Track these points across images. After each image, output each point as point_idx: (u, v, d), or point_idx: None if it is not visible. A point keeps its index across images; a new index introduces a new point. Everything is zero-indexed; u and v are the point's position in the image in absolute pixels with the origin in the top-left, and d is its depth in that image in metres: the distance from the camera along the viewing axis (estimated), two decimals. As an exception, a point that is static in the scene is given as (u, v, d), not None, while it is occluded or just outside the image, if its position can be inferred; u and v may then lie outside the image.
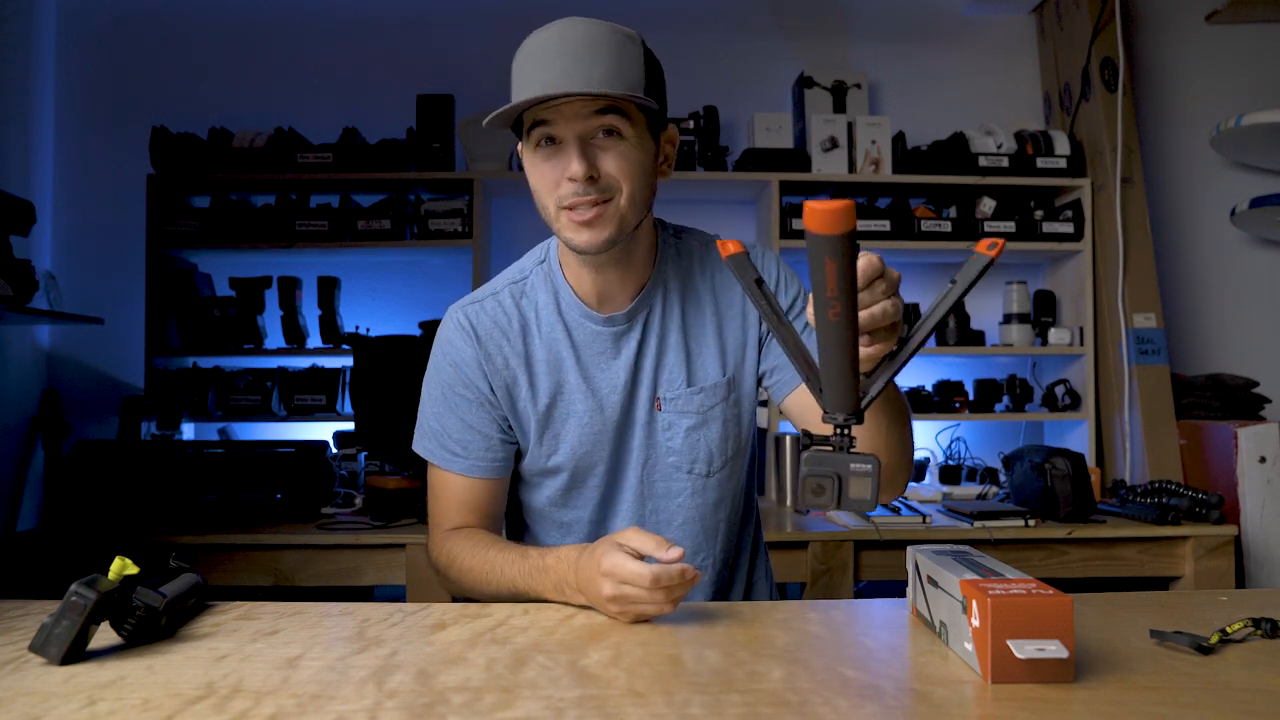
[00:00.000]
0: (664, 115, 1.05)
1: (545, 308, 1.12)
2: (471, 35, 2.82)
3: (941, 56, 2.94)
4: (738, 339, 1.14)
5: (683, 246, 1.16)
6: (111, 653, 0.79)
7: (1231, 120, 2.58)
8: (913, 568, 0.90)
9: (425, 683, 0.72)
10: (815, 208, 0.62)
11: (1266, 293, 2.90)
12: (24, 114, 2.60)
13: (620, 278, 1.09)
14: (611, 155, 0.99)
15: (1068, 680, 0.70)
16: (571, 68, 0.95)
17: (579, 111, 0.97)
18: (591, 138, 0.99)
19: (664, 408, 1.11)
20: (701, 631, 0.86)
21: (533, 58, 0.98)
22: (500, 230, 2.79)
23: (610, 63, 0.96)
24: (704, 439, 1.11)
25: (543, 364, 1.11)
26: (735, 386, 1.13)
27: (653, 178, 1.05)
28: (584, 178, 0.97)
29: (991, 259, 0.71)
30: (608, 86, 0.95)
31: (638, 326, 1.11)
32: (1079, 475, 2.14)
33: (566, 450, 1.11)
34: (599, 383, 1.11)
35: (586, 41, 0.96)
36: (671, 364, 1.11)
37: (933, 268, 2.89)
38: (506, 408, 1.12)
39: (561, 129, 0.98)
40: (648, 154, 1.03)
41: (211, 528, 2.05)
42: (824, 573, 2.03)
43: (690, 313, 1.13)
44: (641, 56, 1.00)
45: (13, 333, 2.48)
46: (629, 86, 0.97)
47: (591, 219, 0.99)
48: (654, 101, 0.99)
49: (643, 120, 1.01)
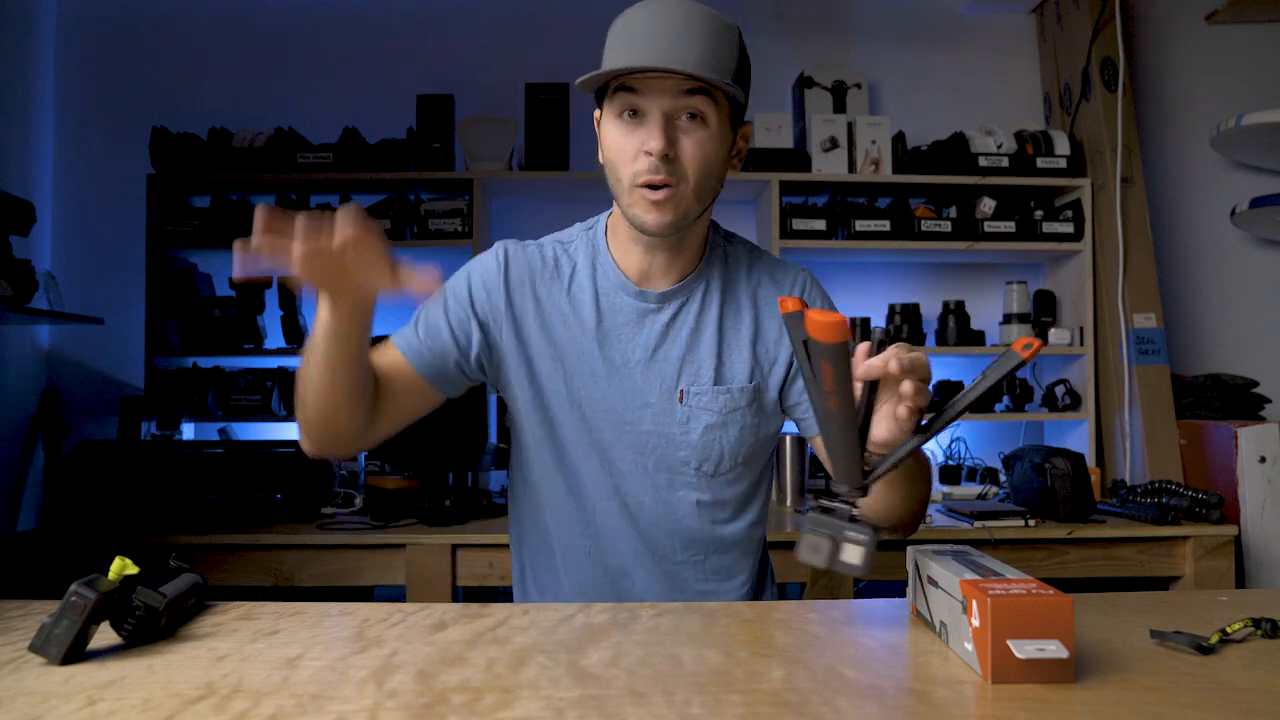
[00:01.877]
0: (745, 109, 1.07)
1: (581, 268, 1.13)
2: (471, 35, 2.82)
3: (941, 56, 2.94)
4: (769, 354, 1.13)
5: (731, 250, 1.17)
6: (111, 653, 0.79)
7: (1231, 120, 2.57)
8: (913, 568, 0.90)
9: (425, 683, 0.72)
10: (816, 320, 0.72)
11: (1266, 293, 2.90)
12: (24, 114, 2.60)
13: (668, 262, 1.10)
14: (692, 139, 1.00)
15: (1068, 680, 0.70)
16: (669, 45, 0.96)
17: (669, 89, 0.98)
18: (676, 117, 1.00)
19: (687, 401, 1.10)
20: (701, 631, 0.86)
21: (632, 28, 1.00)
22: (500, 230, 2.79)
23: (707, 46, 0.98)
24: (720, 440, 1.11)
25: (559, 315, 1.11)
26: (759, 396, 1.12)
27: (723, 170, 1.06)
28: (661, 154, 0.98)
29: (1024, 360, 0.77)
30: (703, 69, 0.96)
31: (669, 311, 1.11)
32: (1079, 475, 2.14)
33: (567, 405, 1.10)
34: (613, 352, 1.10)
35: (687, 22, 0.98)
36: (702, 359, 1.11)
37: (932, 268, 2.89)
38: (506, 345, 1.11)
39: (648, 102, 0.99)
40: (724, 145, 1.04)
41: (211, 528, 2.05)
42: (824, 573, 2.02)
43: (728, 313, 1.13)
44: (737, 47, 1.02)
45: (13, 333, 2.48)
46: (722, 73, 0.98)
47: (662, 199, 1.01)
48: (741, 93, 1.01)
49: (726, 109, 1.03)
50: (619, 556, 1.13)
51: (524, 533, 1.21)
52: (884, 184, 2.65)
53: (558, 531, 1.15)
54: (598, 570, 1.14)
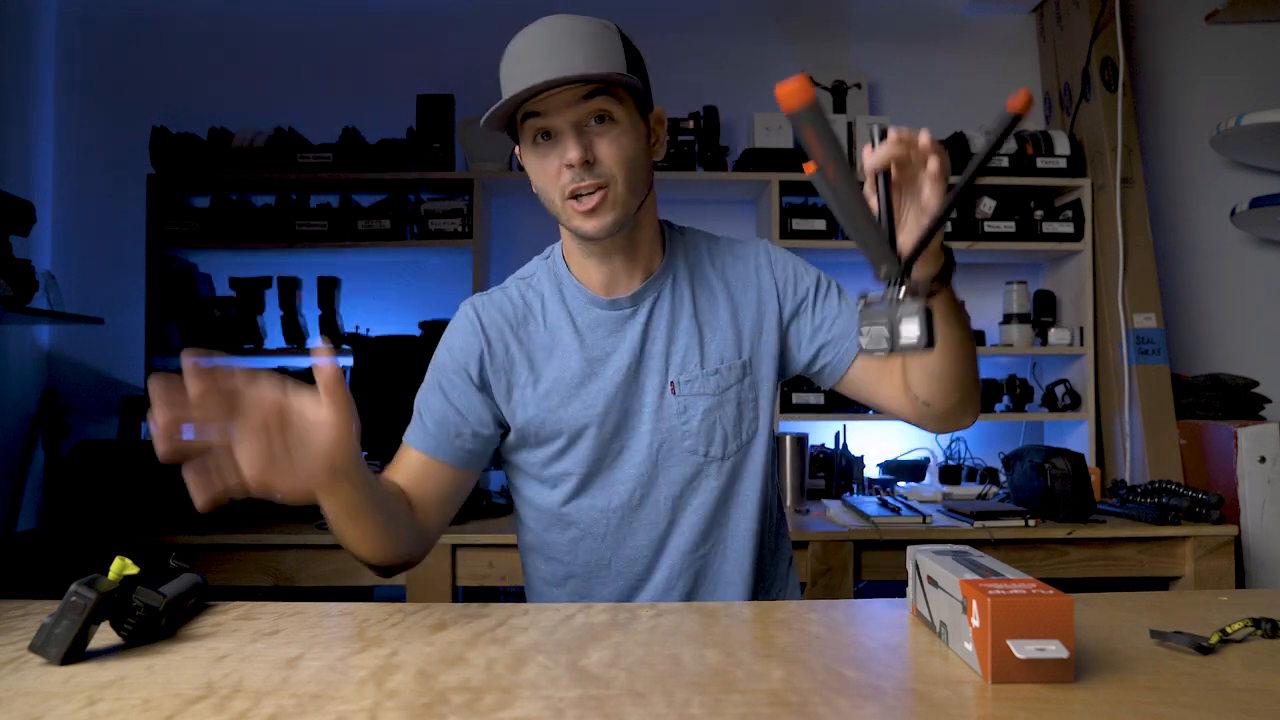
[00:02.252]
0: (649, 95, 1.08)
1: (550, 298, 1.14)
2: (471, 35, 2.82)
3: (941, 56, 2.94)
4: (753, 323, 1.14)
5: (689, 241, 1.18)
6: (111, 653, 0.79)
7: (1231, 120, 2.58)
8: (913, 568, 0.90)
9: (425, 683, 0.72)
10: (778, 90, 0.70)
11: (1266, 293, 2.90)
12: (24, 114, 2.60)
13: (627, 266, 1.11)
14: (605, 140, 1.01)
15: (1068, 680, 0.70)
16: (554, 59, 0.98)
17: (568, 100, 0.99)
18: (584, 124, 1.01)
19: (679, 390, 1.11)
20: (701, 631, 0.86)
21: (517, 57, 1.01)
22: (500, 230, 2.79)
23: (592, 49, 0.99)
24: (719, 420, 1.12)
25: (543, 350, 1.12)
26: (751, 370, 1.14)
27: (647, 159, 1.07)
28: (580, 162, 0.99)
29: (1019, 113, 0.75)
30: (593, 69, 0.98)
31: (643, 311, 1.12)
32: (1079, 475, 2.14)
33: (568, 434, 1.11)
34: (602, 365, 1.11)
35: (565, 34, 1.00)
36: (684, 347, 1.12)
37: (933, 268, 2.89)
38: (502, 397, 1.12)
39: (554, 119, 1.00)
40: (640, 136, 1.05)
41: (211, 528, 2.05)
42: (824, 573, 2.03)
43: (701, 298, 1.14)
44: (619, 41, 1.03)
45: (13, 333, 2.48)
46: (611, 68, 1.00)
47: (595, 206, 1.01)
48: (637, 80, 1.01)
49: (631, 102, 1.04)
50: (641, 565, 1.13)
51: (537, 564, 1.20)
52: (884, 184, 2.65)
53: (574, 555, 1.15)
54: (620, 583, 1.14)
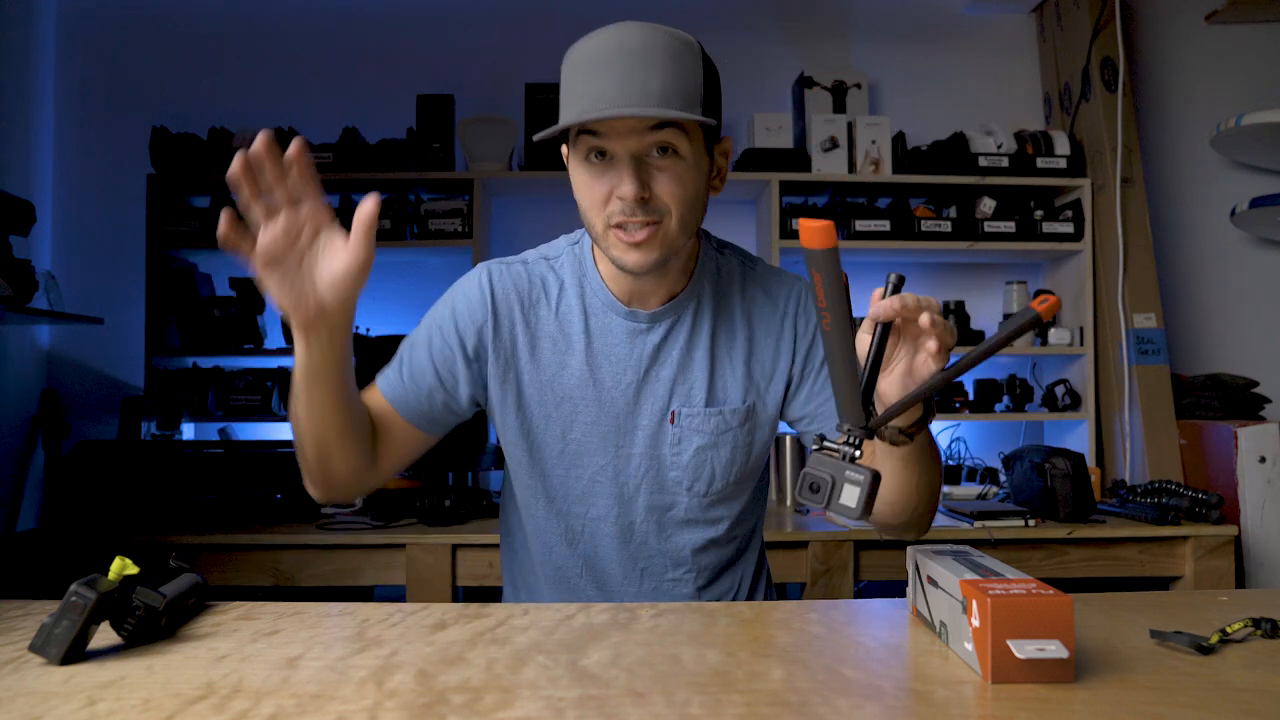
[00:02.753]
0: (719, 127, 0.98)
1: (569, 287, 1.08)
2: (471, 35, 2.82)
3: (941, 56, 2.94)
4: (765, 370, 1.09)
5: (724, 263, 1.11)
6: (111, 653, 0.79)
7: (1231, 120, 2.58)
8: (913, 568, 0.90)
9: (425, 683, 0.72)
10: (803, 224, 0.69)
11: (1266, 293, 2.90)
12: (24, 114, 2.60)
13: (655, 284, 1.05)
14: (666, 176, 0.94)
15: (1068, 680, 0.70)
16: (627, 81, 0.89)
17: (634, 128, 0.91)
18: (645, 155, 0.93)
19: (678, 422, 1.07)
20: (701, 631, 0.86)
21: (585, 66, 0.92)
22: (500, 230, 2.79)
23: (668, 75, 0.90)
24: (711, 460, 1.08)
25: (549, 339, 1.08)
26: (753, 416, 1.09)
27: (705, 196, 1.00)
28: (635, 198, 0.92)
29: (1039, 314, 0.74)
30: (665, 103, 0.89)
31: (659, 331, 1.07)
32: (1079, 475, 2.14)
33: (557, 432, 1.08)
34: (604, 373, 1.07)
35: (642, 51, 0.90)
36: (694, 380, 1.07)
37: (933, 268, 2.89)
38: (494, 377, 1.08)
39: (614, 144, 0.92)
40: (702, 173, 0.98)
41: (211, 528, 2.05)
42: (824, 573, 2.03)
43: (721, 332, 1.09)
44: (700, 66, 0.94)
45: (13, 333, 2.48)
46: (687, 100, 0.91)
47: (642, 240, 0.95)
48: (713, 120, 0.93)
49: (700, 135, 0.96)
50: (609, 579, 1.12)
51: (515, 553, 1.20)
52: (884, 184, 2.65)
53: (547, 555, 1.13)
54: (590, 591, 1.13)
